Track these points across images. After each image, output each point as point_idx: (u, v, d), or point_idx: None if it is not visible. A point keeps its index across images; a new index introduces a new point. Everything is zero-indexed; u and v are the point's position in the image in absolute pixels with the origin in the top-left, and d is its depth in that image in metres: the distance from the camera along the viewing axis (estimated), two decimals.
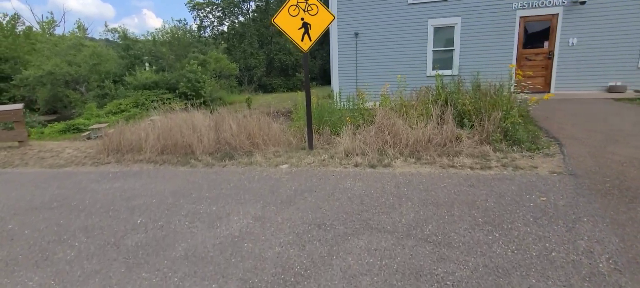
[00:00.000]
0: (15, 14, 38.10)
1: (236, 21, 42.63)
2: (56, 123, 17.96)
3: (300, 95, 7.90)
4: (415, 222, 2.79)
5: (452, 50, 9.80)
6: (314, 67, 50.12)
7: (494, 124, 4.84)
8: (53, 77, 23.89)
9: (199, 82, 26.82)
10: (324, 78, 52.66)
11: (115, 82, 25.21)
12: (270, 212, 3.23)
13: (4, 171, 5.32)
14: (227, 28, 42.19)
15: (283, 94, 39.68)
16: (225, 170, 4.88)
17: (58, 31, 33.12)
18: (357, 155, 4.90)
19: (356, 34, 10.24)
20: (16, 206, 3.93)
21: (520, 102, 5.58)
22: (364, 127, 5.58)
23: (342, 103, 7.87)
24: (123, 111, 22.17)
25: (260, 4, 42.72)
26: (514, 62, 9.45)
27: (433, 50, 9.95)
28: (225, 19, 42.31)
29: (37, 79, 24.15)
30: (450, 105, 5.25)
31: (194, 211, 3.37)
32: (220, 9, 41.00)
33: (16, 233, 3.16)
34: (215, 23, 42.34)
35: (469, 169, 4.05)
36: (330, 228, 2.79)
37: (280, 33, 43.42)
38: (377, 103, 6.92)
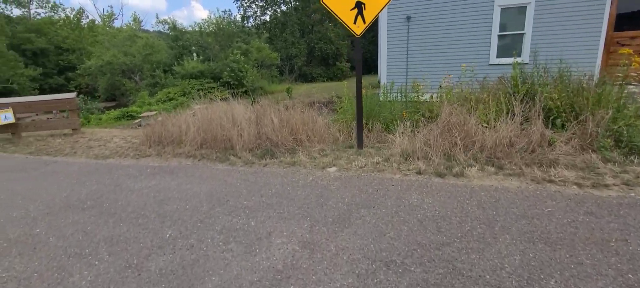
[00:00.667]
0: (80, 9, 40.99)
1: (278, 10, 42.38)
2: (113, 110, 18.89)
3: (346, 86, 7.13)
4: (527, 271, 1.96)
5: (523, 34, 8.40)
6: (353, 56, 48.83)
7: (600, 125, 3.74)
8: (111, 66, 25.24)
9: (241, 72, 26.94)
10: (365, 68, 51.07)
11: (165, 71, 26.10)
12: (320, 234, 2.56)
13: (54, 160, 5.22)
14: (270, 18, 42.09)
15: (323, 83, 38.92)
16: (266, 170, 4.30)
17: (116, 24, 35.15)
18: (418, 159, 4.07)
19: (408, 18, 9.17)
20: (52, 203, 3.66)
21: (628, 97, 4.36)
22: (425, 124, 4.71)
23: (392, 95, 6.97)
24: (171, 99, 22.86)
25: None
26: (601, 47, 7.86)
27: (499, 35, 8.62)
28: (267, 8, 42.23)
29: (97, 68, 25.68)
30: (538, 100, 4.19)
31: (230, 226, 2.81)
32: None
33: (41, 241, 2.81)
34: (258, 13, 42.41)
35: (575, 187, 3.07)
36: (404, 270, 2.05)
37: (321, 21, 42.50)
38: (435, 96, 5.97)
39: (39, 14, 36.80)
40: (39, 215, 3.37)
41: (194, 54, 28.24)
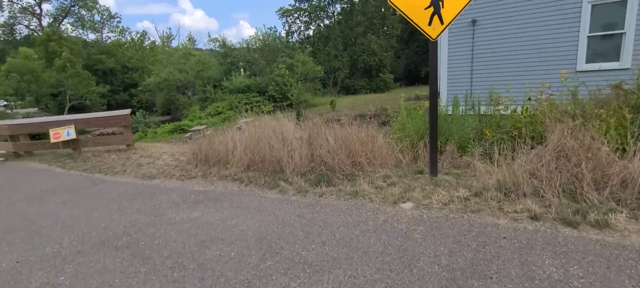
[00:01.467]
0: (143, 31, 44.54)
1: (321, 24, 42.48)
2: (167, 124, 19.64)
3: (400, 98, 6.26)
4: None
5: (622, 34, 6.88)
6: (397, 67, 47.09)
7: None
8: (167, 83, 26.61)
9: (286, 85, 26.98)
10: (409, 79, 49.19)
11: (214, 86, 26.96)
12: None
13: (103, 179, 4.93)
14: (313, 32, 42.30)
15: (366, 95, 37.88)
16: (323, 202, 3.52)
17: (173, 44, 37.47)
18: (524, 196, 3.03)
19: (473, 22, 8.02)
20: (87, 237, 3.20)
21: None
22: (522, 147, 3.63)
23: (460, 108, 5.90)
24: (219, 113, 23.40)
25: (345, 5, 41.78)
26: None
27: (589, 36, 7.16)
28: (311, 23, 42.50)
29: (156, 84, 27.23)
30: None
31: None
32: (307, 13, 41.30)
33: None
34: (302, 28, 42.83)
35: None
36: None
37: (364, 33, 41.76)
38: (518, 109, 4.84)
39: (109, 38, 40.54)
40: (70, 253, 2.88)
41: (242, 70, 28.95)
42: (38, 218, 3.81)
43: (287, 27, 42.55)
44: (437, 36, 3.84)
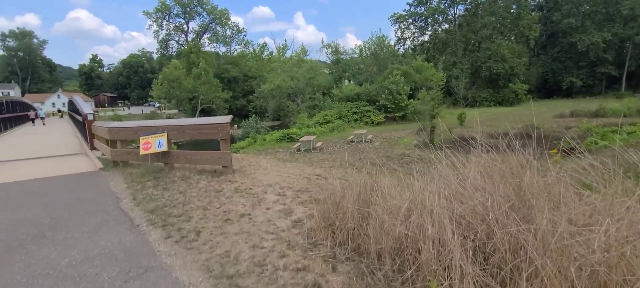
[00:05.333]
0: (263, 42, 47.60)
1: (439, 29, 37.55)
2: (276, 131, 18.75)
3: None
4: None
5: None
6: (529, 77, 38.05)
7: None
8: (280, 90, 26.57)
9: (400, 94, 23.69)
10: (543, 91, 39.28)
11: (324, 94, 25.65)
12: None
13: (178, 237, 2.56)
14: (429, 37, 37.71)
15: (490, 108, 30.96)
16: None
17: (287, 54, 38.49)
18: None
19: None
20: None
21: None
22: None
23: None
24: (328, 122, 21.64)
25: (469, 6, 35.90)
26: None
27: None
28: (427, 28, 38.03)
29: (269, 91, 27.63)
30: None
31: None
32: (423, 18, 37.10)
33: None
34: (416, 34, 38.73)
35: None
36: None
37: (490, 37, 35.01)
38: None
39: (236, 50, 44.55)
40: None
41: (347, 80, 26.93)
42: None
43: (399, 34, 38.98)
44: None
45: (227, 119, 4.51)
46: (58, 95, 48.52)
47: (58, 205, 3.56)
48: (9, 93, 43.05)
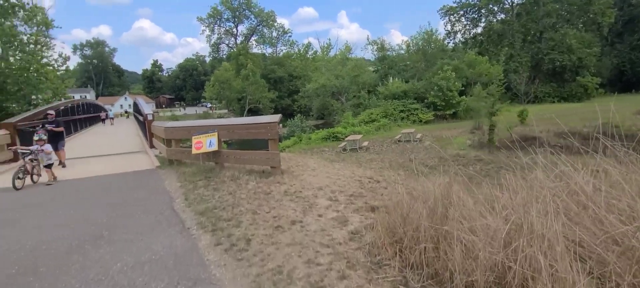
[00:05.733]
0: (308, 42, 48.07)
1: (494, 20, 34.61)
2: (321, 130, 18.57)
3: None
4: None
5: None
6: (601, 68, 33.34)
7: None
8: (324, 88, 26.45)
9: (450, 91, 22.17)
10: (618, 84, 34.27)
11: (369, 92, 24.96)
12: None
13: (228, 245, 2.32)
14: (483, 29, 34.94)
15: (552, 105, 27.78)
16: None
17: (331, 53, 38.33)
18: None
19: None
20: None
21: None
22: None
23: None
24: (373, 121, 20.93)
25: None
26: None
27: None
28: (480, 19, 35.27)
29: (314, 91, 27.66)
30: None
31: None
32: (475, 9, 34.46)
33: None
34: (468, 26, 36.08)
35: None
36: None
37: (554, 26, 31.37)
38: None
39: (281, 51, 45.48)
40: None
41: (392, 77, 25.82)
42: None
43: (449, 27, 36.60)
44: None
45: (276, 118, 4.34)
46: (125, 98, 53.68)
47: (117, 204, 3.64)
48: (85, 96, 48.68)
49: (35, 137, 5.17)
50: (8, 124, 6.80)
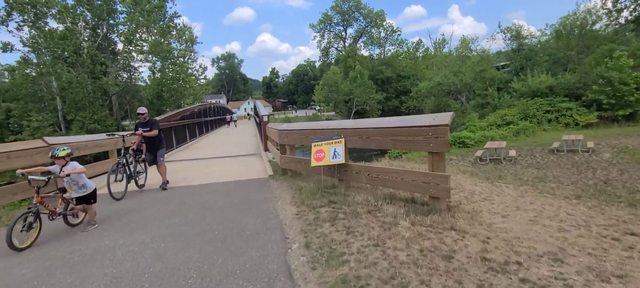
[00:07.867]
0: (418, 39, 44.35)
1: None
2: None
3: None
4: None
5: None
6: None
7: None
8: (440, 87, 23.14)
9: (625, 84, 15.98)
10: None
11: (498, 89, 20.46)
12: None
13: None
14: None
15: None
16: None
17: (445, 50, 33.94)
18: None
19: None
20: None
21: None
22: None
23: None
24: (508, 124, 16.85)
25: None
26: None
27: None
28: None
29: (427, 90, 24.59)
30: None
31: None
32: None
33: None
34: None
35: None
36: None
37: None
38: None
39: (389, 51, 43.19)
40: None
41: (529, 70, 20.33)
42: None
43: (610, 5, 27.44)
44: None
45: (446, 118, 2.65)
46: (248, 102, 60.65)
47: (215, 242, 2.58)
48: (218, 101, 57.11)
49: (52, 152, 2.91)
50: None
